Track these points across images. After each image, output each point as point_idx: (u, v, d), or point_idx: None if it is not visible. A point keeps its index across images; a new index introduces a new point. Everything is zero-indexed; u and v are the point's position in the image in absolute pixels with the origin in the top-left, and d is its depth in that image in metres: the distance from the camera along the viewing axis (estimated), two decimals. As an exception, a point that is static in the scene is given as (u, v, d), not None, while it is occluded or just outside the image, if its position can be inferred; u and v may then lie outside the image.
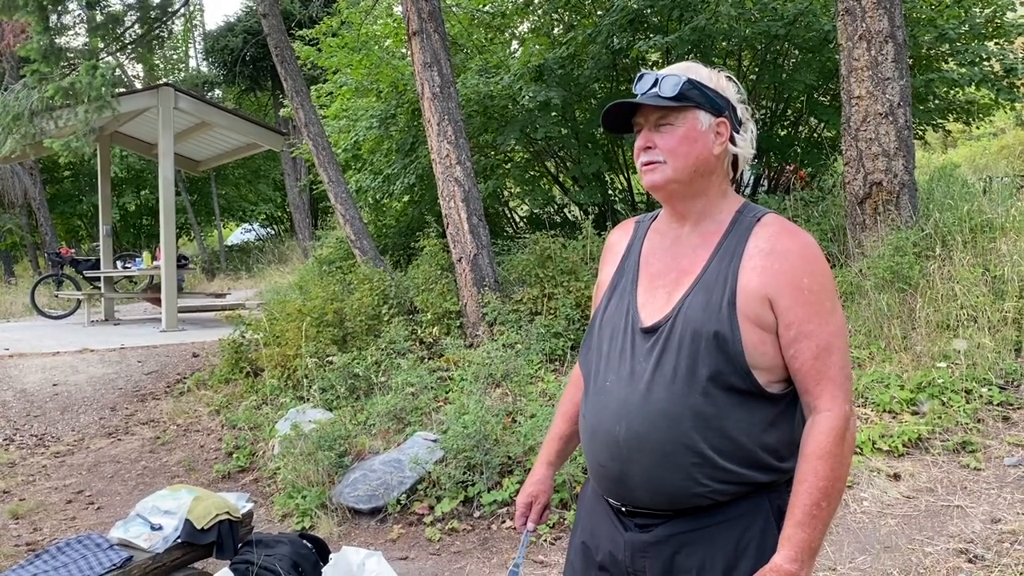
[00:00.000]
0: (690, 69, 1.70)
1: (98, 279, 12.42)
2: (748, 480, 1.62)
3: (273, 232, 23.46)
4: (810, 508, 1.54)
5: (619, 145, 9.65)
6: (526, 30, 10.98)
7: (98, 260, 12.78)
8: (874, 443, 4.18)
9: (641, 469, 1.64)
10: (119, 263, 12.81)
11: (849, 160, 6.42)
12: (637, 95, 1.70)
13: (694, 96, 1.65)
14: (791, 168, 10.26)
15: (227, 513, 3.47)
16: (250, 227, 24.86)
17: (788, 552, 1.54)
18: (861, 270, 5.72)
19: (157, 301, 11.48)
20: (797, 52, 9.13)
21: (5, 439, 6.58)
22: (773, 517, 1.63)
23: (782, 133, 9.96)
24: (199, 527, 3.40)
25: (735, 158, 1.72)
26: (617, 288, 1.79)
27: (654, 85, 1.67)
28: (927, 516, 3.61)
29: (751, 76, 9.51)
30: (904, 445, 4.15)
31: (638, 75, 1.72)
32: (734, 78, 1.74)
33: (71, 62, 7.57)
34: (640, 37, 8.65)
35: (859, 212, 6.36)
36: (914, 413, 4.46)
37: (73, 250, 15.19)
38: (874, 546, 3.43)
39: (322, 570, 3.28)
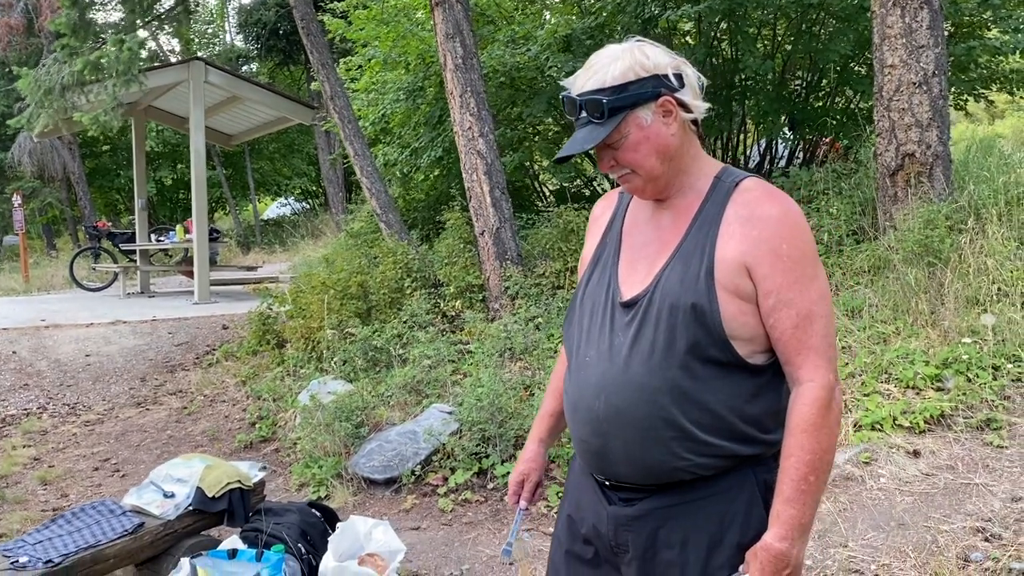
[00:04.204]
0: (607, 69, 1.58)
1: (134, 252, 12.61)
2: (731, 453, 1.58)
3: (308, 206, 23.61)
4: (798, 483, 1.50)
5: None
6: (559, 1, 10.85)
7: (134, 233, 12.99)
8: (895, 419, 4.09)
9: (621, 444, 1.61)
10: (153, 236, 12.99)
11: (881, 131, 6.25)
12: (574, 120, 1.64)
13: (624, 103, 1.57)
14: (827, 141, 10.04)
15: (238, 482, 3.51)
16: (285, 201, 25.06)
17: (778, 530, 1.51)
18: (889, 244, 5.58)
19: (191, 274, 11.62)
20: (834, 21, 8.90)
21: (39, 408, 6.73)
22: (759, 491, 1.60)
23: (817, 104, 9.74)
24: (210, 495, 3.45)
25: (694, 120, 1.65)
26: (599, 261, 1.76)
27: (581, 109, 1.59)
28: (945, 494, 3.53)
29: (786, 45, 9.30)
30: (926, 422, 4.05)
31: (562, 96, 1.65)
32: (647, 40, 1.63)
33: (102, 36, 7.62)
34: (671, 5, 8.49)
35: (890, 184, 6.20)
36: (938, 389, 4.36)
37: (110, 223, 15.43)
38: (888, 523, 3.37)
39: (329, 539, 3.30)
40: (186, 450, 5.61)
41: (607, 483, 1.69)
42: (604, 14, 8.86)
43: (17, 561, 3.02)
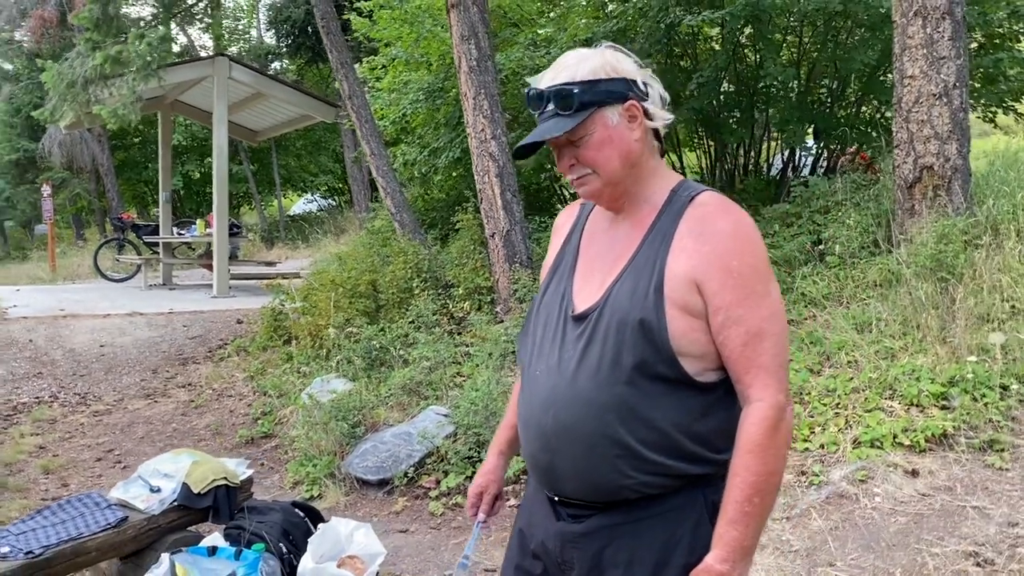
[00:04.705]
0: (577, 66, 1.57)
1: (157, 244, 12.75)
2: (678, 472, 1.54)
3: (334, 203, 23.74)
4: (742, 504, 1.47)
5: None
6: (583, 4, 10.79)
7: (157, 226, 13.12)
8: (895, 437, 4.00)
9: (568, 460, 1.58)
10: (176, 229, 13.12)
11: (899, 143, 6.14)
12: (535, 112, 1.61)
13: (593, 98, 1.55)
14: (852, 150, 9.90)
15: (224, 479, 3.51)
16: (312, 198, 25.22)
17: (719, 552, 1.48)
18: (899, 258, 5.48)
19: (212, 267, 11.73)
20: (860, 30, 8.78)
21: (50, 396, 6.82)
22: (707, 512, 1.56)
23: (841, 114, 9.61)
24: (196, 491, 3.45)
25: (655, 130, 1.63)
26: (556, 272, 1.73)
27: (548, 101, 1.56)
28: (941, 516, 3.45)
29: (813, 53, 9.19)
30: (927, 440, 3.96)
31: (527, 91, 1.62)
32: (618, 46, 1.63)
33: (126, 31, 7.71)
34: (696, 11, 8.41)
35: (907, 197, 6.09)
36: (943, 408, 4.26)
37: (135, 215, 15.62)
38: (879, 544, 3.29)
39: (309, 539, 3.29)
40: (189, 443, 5.65)
41: (556, 499, 1.66)
42: (626, 18, 8.81)
43: (-1, 550, 3.04)
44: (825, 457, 3.98)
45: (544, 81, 1.60)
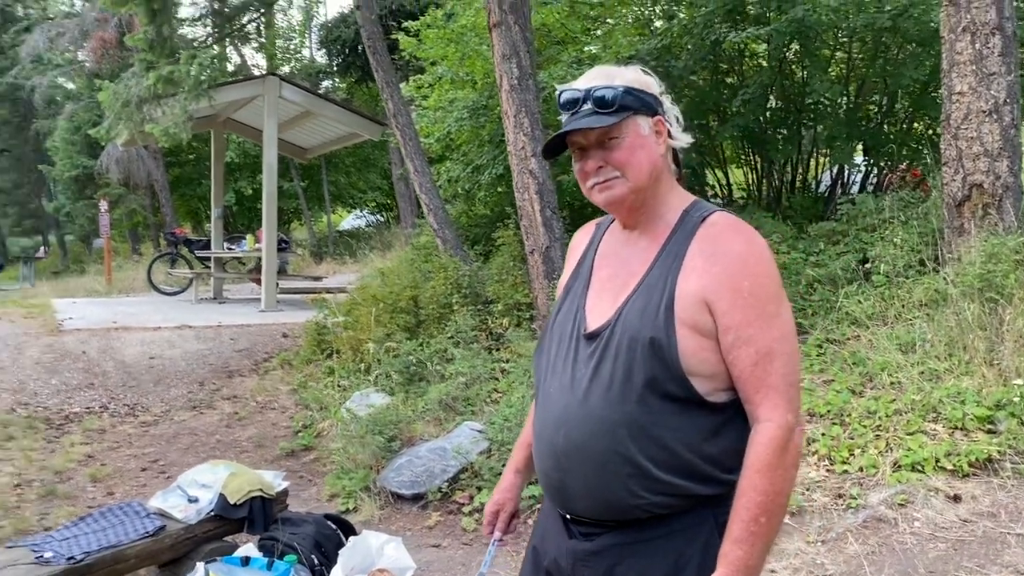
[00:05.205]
0: (615, 75, 1.62)
1: (208, 259, 13.03)
2: (688, 492, 1.54)
3: (382, 219, 24.03)
4: (748, 524, 1.46)
5: (713, 137, 9.37)
6: (629, 22, 10.81)
7: (209, 241, 13.42)
8: (937, 461, 3.91)
9: (579, 479, 1.59)
10: (227, 244, 13.39)
11: (947, 160, 6.03)
12: (565, 115, 1.63)
13: (631, 103, 1.58)
14: (902, 167, 9.73)
15: (260, 490, 3.57)
16: (361, 214, 25.56)
17: (724, 571, 1.47)
18: (945, 277, 5.37)
19: (261, 281, 11.95)
20: (911, 45, 8.65)
21: (100, 407, 7.00)
22: (717, 532, 1.55)
23: (891, 130, 9.46)
24: (232, 502, 3.52)
25: (674, 151, 1.65)
26: (570, 292, 1.75)
27: (585, 101, 1.59)
28: (982, 542, 3.35)
29: (862, 68, 9.07)
30: (970, 465, 3.86)
31: (559, 92, 1.65)
32: (647, 69, 1.67)
33: (179, 51, 7.95)
34: (741, 27, 8.37)
35: (956, 216, 5.97)
36: (989, 432, 4.15)
37: (187, 230, 15.98)
38: (917, 570, 3.22)
39: (339, 552, 3.33)
40: (231, 455, 5.75)
41: (568, 517, 1.67)
42: (671, 35, 8.80)
43: (42, 556, 3.14)
44: (864, 480, 3.90)
45: (581, 84, 1.63)
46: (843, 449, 4.18)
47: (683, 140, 1.68)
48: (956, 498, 3.69)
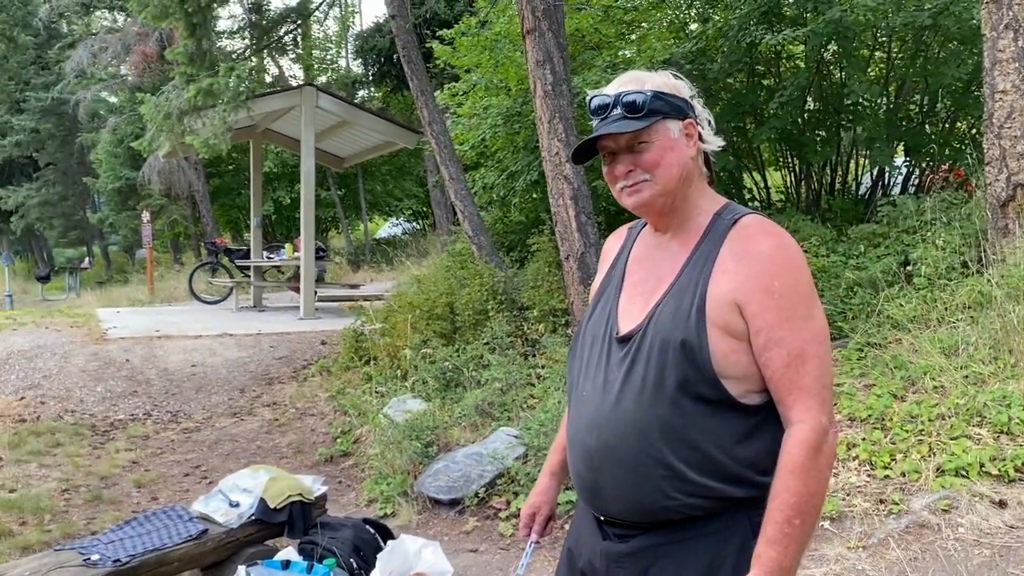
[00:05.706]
0: (644, 80, 1.63)
1: (248, 268, 13.22)
2: (722, 495, 1.53)
3: (418, 227, 24.19)
4: (781, 525, 1.46)
5: (750, 140, 9.29)
6: (664, 26, 10.78)
7: (249, 250, 13.61)
8: (982, 466, 3.83)
9: (612, 481, 1.60)
10: (266, 253, 13.57)
11: (991, 160, 5.93)
12: (596, 120, 1.64)
13: (660, 107, 1.59)
14: (945, 168, 9.57)
15: (300, 495, 3.62)
16: (397, 221, 25.74)
17: (758, 572, 1.47)
18: (989, 279, 5.27)
19: (299, 290, 12.09)
20: (952, 44, 8.51)
21: (144, 414, 7.13)
22: (751, 535, 1.54)
23: (932, 130, 9.31)
24: (272, 506, 3.56)
25: (705, 155, 1.65)
26: (603, 295, 1.76)
27: (615, 107, 1.60)
28: (1030, 550, 3.28)
29: (902, 68, 8.94)
30: (1016, 470, 3.78)
31: (590, 97, 1.66)
32: (678, 74, 1.68)
33: (218, 64, 8.10)
34: (777, 28, 8.31)
35: (1000, 216, 5.86)
36: (1037, 437, 4.06)
37: (228, 240, 16.21)
38: (962, 577, 3.16)
39: (378, 555, 3.36)
40: (271, 461, 5.82)
41: (602, 519, 1.68)
42: (706, 38, 8.76)
43: (89, 558, 3.21)
44: (906, 485, 3.84)
45: (611, 89, 1.65)
46: (884, 454, 4.12)
47: (715, 143, 1.69)
48: (1001, 503, 3.62)
